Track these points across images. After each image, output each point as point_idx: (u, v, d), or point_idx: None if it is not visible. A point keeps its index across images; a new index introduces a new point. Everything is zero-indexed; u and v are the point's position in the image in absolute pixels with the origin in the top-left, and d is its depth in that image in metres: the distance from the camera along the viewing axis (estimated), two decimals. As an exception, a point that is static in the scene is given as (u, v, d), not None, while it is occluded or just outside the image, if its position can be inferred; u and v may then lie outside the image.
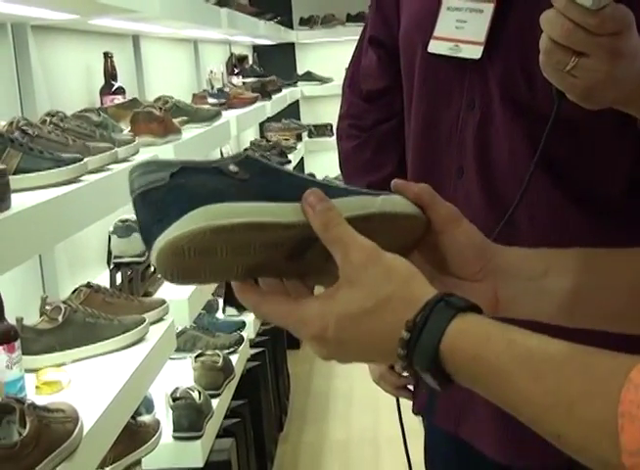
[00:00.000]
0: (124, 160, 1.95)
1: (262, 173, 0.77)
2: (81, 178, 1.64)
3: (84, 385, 1.78)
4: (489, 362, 0.70)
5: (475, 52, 1.29)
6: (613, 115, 1.05)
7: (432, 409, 1.51)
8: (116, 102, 2.69)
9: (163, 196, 0.73)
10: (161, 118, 2.41)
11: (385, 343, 0.74)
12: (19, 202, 1.36)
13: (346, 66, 1.70)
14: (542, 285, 0.90)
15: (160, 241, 0.72)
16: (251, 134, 6.10)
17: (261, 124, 6.12)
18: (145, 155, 2.08)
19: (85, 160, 1.66)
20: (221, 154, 4.99)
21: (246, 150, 5.46)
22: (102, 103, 2.74)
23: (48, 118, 1.91)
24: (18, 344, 1.65)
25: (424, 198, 0.86)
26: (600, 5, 0.88)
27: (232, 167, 0.76)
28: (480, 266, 0.88)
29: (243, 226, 0.72)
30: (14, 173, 1.50)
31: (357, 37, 1.65)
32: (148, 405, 2.49)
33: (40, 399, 1.52)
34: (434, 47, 1.35)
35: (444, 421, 1.48)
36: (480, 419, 1.39)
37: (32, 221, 1.36)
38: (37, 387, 1.75)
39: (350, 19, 6.55)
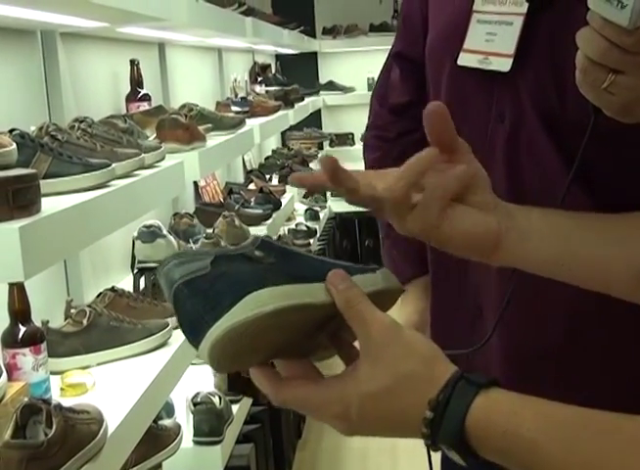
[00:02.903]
0: (151, 166, 1.97)
1: (283, 256, 0.81)
2: (109, 183, 1.66)
3: (108, 388, 1.80)
4: (520, 436, 0.71)
5: (504, 64, 1.29)
6: None
7: None
8: (142, 109, 2.72)
9: (211, 284, 0.77)
10: (187, 126, 2.44)
11: (408, 421, 0.75)
12: (48, 206, 1.38)
13: (369, 75, 1.73)
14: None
15: (218, 327, 0.74)
16: (273, 142, 6.13)
17: (283, 133, 6.14)
18: (171, 161, 2.10)
19: (113, 165, 1.68)
20: (243, 161, 5.02)
21: (267, 158, 5.49)
22: (127, 110, 2.77)
23: (76, 124, 1.94)
24: (44, 346, 1.68)
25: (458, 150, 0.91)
26: (637, 25, 0.88)
27: (257, 253, 0.80)
28: (493, 199, 0.92)
29: (291, 308, 0.76)
30: (43, 178, 1.52)
31: (380, 47, 1.68)
32: (169, 410, 2.51)
33: (65, 402, 1.54)
34: (464, 60, 1.34)
35: None
36: None
37: (61, 225, 1.39)
38: (62, 389, 1.78)
39: (373, 29, 6.57)
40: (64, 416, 1.41)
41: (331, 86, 6.71)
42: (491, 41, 1.31)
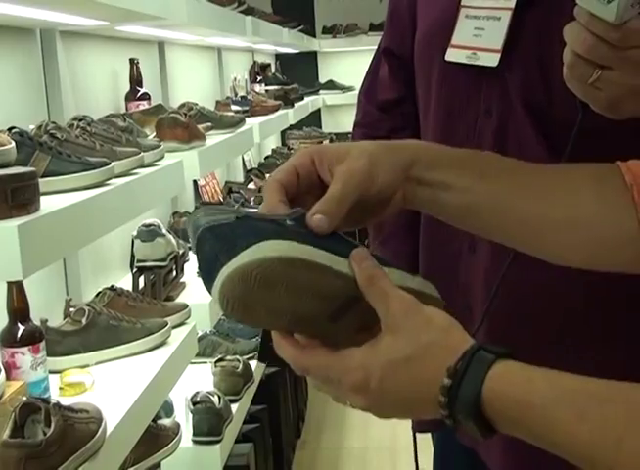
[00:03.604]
0: (150, 164, 1.97)
1: (314, 232, 0.81)
2: (108, 182, 1.66)
3: (107, 387, 1.80)
4: (533, 404, 0.71)
5: (492, 59, 1.29)
6: (636, 123, 1.05)
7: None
8: (141, 108, 2.72)
9: (233, 229, 0.78)
10: (186, 124, 2.43)
11: (426, 390, 0.76)
12: (47, 204, 1.38)
13: (367, 75, 1.72)
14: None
15: (230, 266, 0.75)
16: (273, 142, 6.13)
17: (283, 132, 6.14)
18: (170, 160, 2.10)
19: (112, 164, 1.68)
20: (242, 160, 5.02)
21: (267, 158, 5.48)
22: (127, 108, 2.77)
23: (75, 123, 1.93)
24: (43, 345, 1.68)
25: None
26: (623, 20, 0.88)
27: (289, 222, 0.81)
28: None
29: (307, 264, 0.76)
30: (42, 176, 1.52)
31: (380, 47, 1.66)
32: (168, 409, 2.51)
33: (63, 401, 1.53)
34: (452, 55, 1.34)
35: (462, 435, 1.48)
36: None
37: (60, 224, 1.38)
38: (61, 388, 1.77)
39: (373, 28, 6.56)
40: (62, 415, 1.40)
41: (331, 86, 6.70)
42: (479, 36, 1.31)
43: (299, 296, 0.77)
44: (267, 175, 4.92)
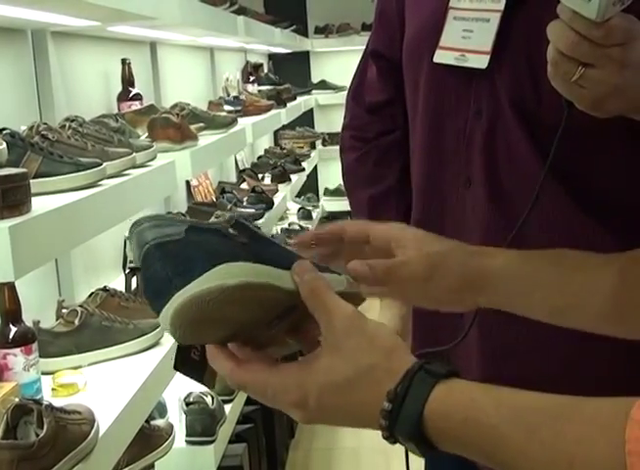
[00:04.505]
0: (142, 165, 1.96)
1: (255, 239, 0.82)
2: (100, 183, 1.65)
3: (100, 388, 1.80)
4: (480, 423, 0.70)
5: (481, 61, 1.29)
6: (622, 121, 1.06)
7: None
8: (134, 108, 2.72)
9: (183, 249, 0.77)
10: (179, 125, 2.43)
11: (366, 413, 0.74)
12: (38, 205, 1.38)
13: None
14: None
15: (186, 292, 0.74)
16: (266, 142, 6.12)
17: (275, 132, 6.14)
18: (162, 161, 2.10)
19: (104, 164, 1.67)
20: (235, 161, 5.01)
21: (260, 158, 5.48)
22: (119, 109, 2.76)
23: (67, 124, 1.93)
24: (35, 346, 1.67)
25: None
26: (604, 17, 0.89)
27: (231, 231, 0.81)
28: None
29: (260, 285, 0.76)
30: (34, 177, 1.52)
31: (372, 47, 1.66)
32: (161, 410, 2.50)
33: (56, 402, 1.53)
34: (440, 57, 1.34)
35: None
36: None
37: (52, 225, 1.38)
38: (53, 389, 1.77)
39: (365, 28, 6.56)
40: (55, 417, 1.40)
41: (323, 85, 6.70)
42: (468, 38, 1.31)
43: (247, 310, 0.77)
44: (260, 175, 4.93)
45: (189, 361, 0.82)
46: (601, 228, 1.29)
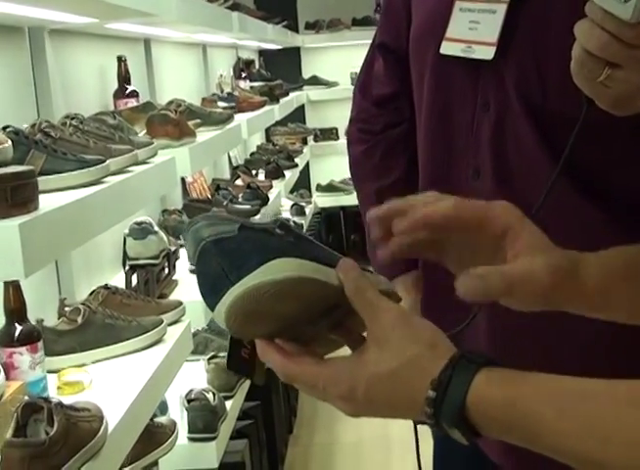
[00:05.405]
0: (144, 162, 1.96)
1: (299, 239, 0.86)
2: (103, 180, 1.65)
3: (105, 385, 1.79)
4: (520, 407, 0.73)
5: (488, 53, 1.29)
6: (636, 118, 1.06)
7: None
8: (130, 105, 2.71)
9: (238, 245, 0.81)
10: (177, 121, 2.42)
11: (412, 402, 0.77)
12: (45, 203, 1.37)
13: (352, 69, 1.72)
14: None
15: (241, 286, 0.79)
16: (258, 138, 6.12)
17: (267, 129, 6.13)
18: (162, 157, 2.09)
19: (108, 161, 1.67)
20: (229, 157, 5.00)
21: (252, 154, 5.47)
22: (115, 106, 2.75)
23: (68, 121, 1.92)
24: (40, 345, 1.67)
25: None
26: (639, 18, 0.88)
27: (278, 231, 0.84)
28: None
29: (310, 280, 0.80)
30: (38, 175, 1.50)
31: (363, 41, 1.66)
32: (162, 407, 2.50)
33: (63, 400, 1.52)
34: (447, 48, 1.34)
35: None
36: None
37: (60, 222, 1.37)
38: (59, 387, 1.77)
39: (356, 23, 6.55)
40: (65, 414, 1.40)
41: (314, 81, 6.69)
42: (474, 29, 1.31)
43: (295, 305, 0.81)
44: (253, 171, 4.92)
45: (240, 360, 0.86)
46: (612, 222, 1.29)
